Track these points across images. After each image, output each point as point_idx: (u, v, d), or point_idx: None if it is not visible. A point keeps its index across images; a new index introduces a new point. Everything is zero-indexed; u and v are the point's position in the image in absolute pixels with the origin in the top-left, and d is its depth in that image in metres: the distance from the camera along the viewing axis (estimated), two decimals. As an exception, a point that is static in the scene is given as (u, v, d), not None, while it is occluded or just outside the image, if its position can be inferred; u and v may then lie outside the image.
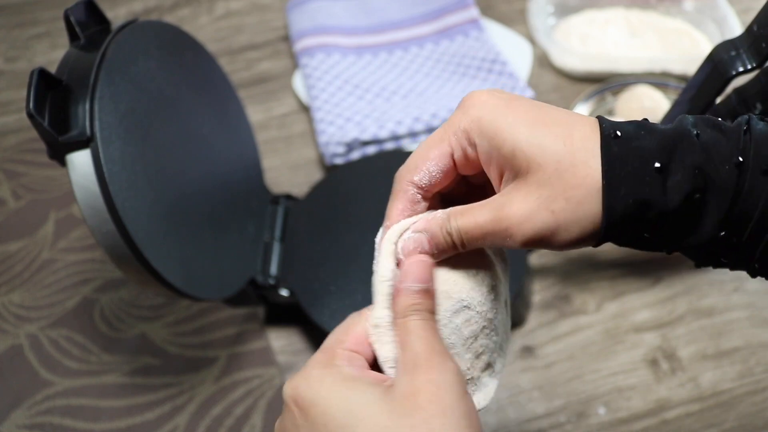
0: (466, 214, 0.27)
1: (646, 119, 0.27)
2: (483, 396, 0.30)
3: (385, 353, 0.28)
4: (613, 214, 0.25)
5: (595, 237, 0.26)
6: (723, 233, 0.25)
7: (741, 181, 0.24)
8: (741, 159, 0.24)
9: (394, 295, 0.27)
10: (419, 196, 0.29)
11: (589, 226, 0.25)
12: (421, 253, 0.28)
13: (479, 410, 0.29)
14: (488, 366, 0.30)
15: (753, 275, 0.27)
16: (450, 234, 0.27)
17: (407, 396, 0.24)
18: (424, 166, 0.28)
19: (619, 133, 0.25)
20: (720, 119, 0.26)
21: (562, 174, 0.25)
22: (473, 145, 0.27)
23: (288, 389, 0.26)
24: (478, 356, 0.30)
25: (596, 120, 0.26)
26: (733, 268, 0.27)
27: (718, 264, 0.27)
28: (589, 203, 0.25)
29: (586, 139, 0.25)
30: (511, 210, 0.26)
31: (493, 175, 0.28)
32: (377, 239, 0.30)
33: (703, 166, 0.24)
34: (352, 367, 0.26)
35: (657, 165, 0.24)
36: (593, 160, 0.25)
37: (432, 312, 0.27)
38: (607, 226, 0.25)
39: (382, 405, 0.24)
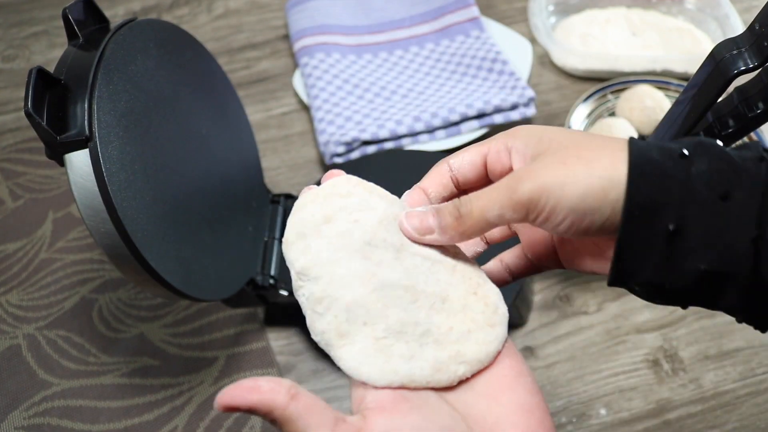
0: (481, 194, 0.27)
1: None
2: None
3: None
4: (637, 175, 0.24)
5: (607, 206, 0.24)
6: (757, 233, 0.24)
7: None
8: (765, 153, 0.24)
9: None
10: (448, 177, 0.31)
11: (597, 186, 0.24)
12: (423, 227, 0.28)
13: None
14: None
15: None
16: (457, 208, 0.28)
17: None
18: (462, 153, 0.30)
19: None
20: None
21: (582, 143, 0.26)
22: (508, 150, 0.29)
23: None
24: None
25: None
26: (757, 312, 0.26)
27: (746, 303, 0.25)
28: (604, 165, 0.25)
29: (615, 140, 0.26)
30: (523, 170, 0.26)
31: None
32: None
33: (728, 158, 0.24)
34: None
35: (682, 152, 0.24)
36: (620, 143, 0.26)
37: None
38: (631, 186, 0.24)
39: None
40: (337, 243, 0.27)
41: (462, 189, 0.31)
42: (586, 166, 0.25)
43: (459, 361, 0.27)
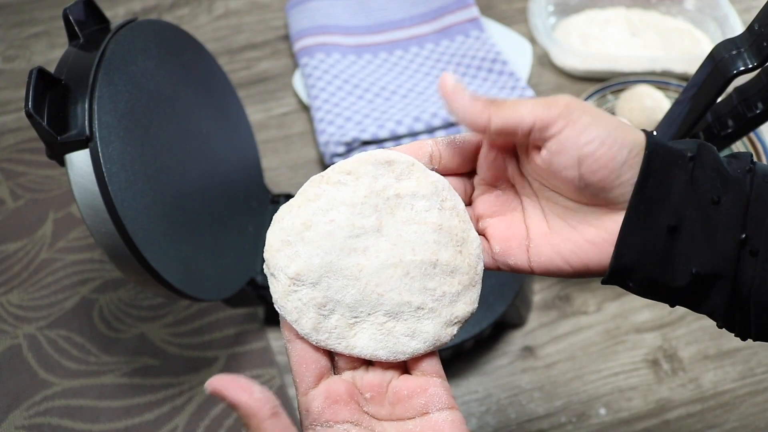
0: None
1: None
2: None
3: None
4: (654, 150, 0.26)
5: (634, 151, 0.26)
6: (743, 235, 0.25)
7: (752, 185, 0.25)
8: (752, 165, 0.26)
9: None
10: (428, 151, 0.31)
11: (625, 130, 0.26)
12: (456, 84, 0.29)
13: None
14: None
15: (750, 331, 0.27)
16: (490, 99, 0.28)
17: None
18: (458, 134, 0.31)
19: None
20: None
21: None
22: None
23: None
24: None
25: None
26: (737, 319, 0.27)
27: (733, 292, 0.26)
28: (629, 129, 0.26)
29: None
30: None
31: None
32: None
33: (721, 166, 0.26)
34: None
35: (690, 153, 0.26)
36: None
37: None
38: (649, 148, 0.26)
39: None
40: (324, 246, 0.28)
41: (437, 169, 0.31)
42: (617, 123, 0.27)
43: (453, 323, 0.30)
